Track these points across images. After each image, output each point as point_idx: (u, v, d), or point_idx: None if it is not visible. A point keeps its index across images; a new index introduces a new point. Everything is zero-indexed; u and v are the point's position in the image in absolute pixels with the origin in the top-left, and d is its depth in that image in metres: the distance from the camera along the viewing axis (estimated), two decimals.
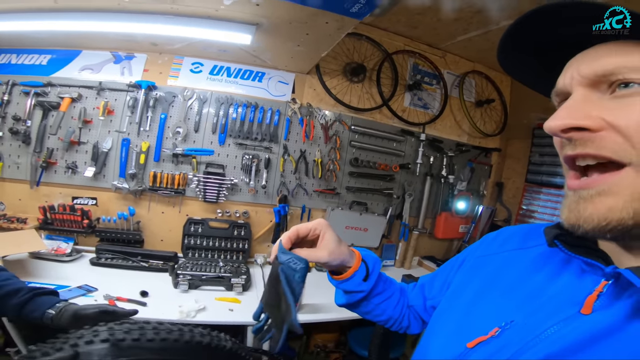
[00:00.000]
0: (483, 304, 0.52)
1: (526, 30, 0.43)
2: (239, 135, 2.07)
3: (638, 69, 0.35)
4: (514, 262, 0.54)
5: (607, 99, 0.37)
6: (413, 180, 2.44)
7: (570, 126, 0.37)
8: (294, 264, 0.59)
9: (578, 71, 0.39)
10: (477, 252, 0.63)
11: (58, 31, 1.69)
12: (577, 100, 0.38)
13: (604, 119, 0.36)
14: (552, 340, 0.39)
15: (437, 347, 0.54)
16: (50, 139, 1.88)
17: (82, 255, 1.86)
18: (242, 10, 1.49)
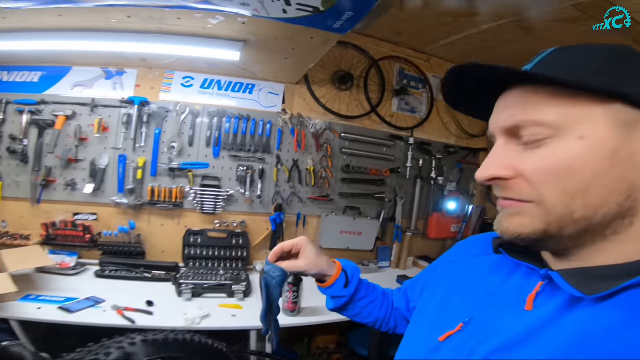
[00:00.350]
0: (451, 303, 0.59)
1: (456, 82, 0.50)
2: (232, 147, 2.13)
3: (535, 123, 0.42)
4: (476, 267, 0.62)
5: (520, 149, 0.45)
6: (404, 183, 2.51)
7: (491, 177, 0.46)
8: (273, 272, 0.75)
9: (497, 120, 0.47)
10: (448, 258, 0.72)
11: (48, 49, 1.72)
12: (496, 152, 0.47)
13: (515, 168, 0.44)
14: (501, 333, 0.46)
15: (415, 342, 0.61)
16: (48, 157, 1.93)
17: (86, 269, 1.92)
18: (229, 28, 1.55)
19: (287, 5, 1.17)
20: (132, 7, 1.35)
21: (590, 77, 0.40)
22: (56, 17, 1.46)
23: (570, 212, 0.41)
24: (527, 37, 1.93)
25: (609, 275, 0.41)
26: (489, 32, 2.00)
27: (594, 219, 0.41)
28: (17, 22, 1.52)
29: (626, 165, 0.40)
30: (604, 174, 0.40)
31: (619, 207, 0.41)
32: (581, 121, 0.40)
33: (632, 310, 0.38)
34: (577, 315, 0.41)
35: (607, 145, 0.40)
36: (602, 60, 0.42)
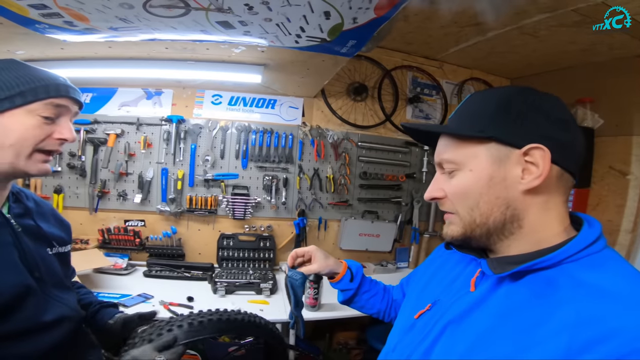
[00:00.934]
0: (427, 289, 0.76)
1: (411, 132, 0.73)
2: (258, 159, 2.34)
3: (447, 161, 0.62)
4: (447, 261, 0.78)
5: (446, 177, 0.63)
6: (420, 187, 2.60)
7: (431, 197, 0.66)
8: (295, 276, 0.95)
9: (435, 158, 0.67)
10: (433, 254, 0.88)
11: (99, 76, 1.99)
12: (435, 179, 0.66)
13: (444, 190, 0.63)
14: (453, 309, 0.61)
15: (400, 322, 0.77)
16: (102, 172, 2.19)
17: (135, 269, 2.14)
18: (250, 55, 1.74)
19: (298, 37, 1.35)
20: (169, 41, 1.58)
21: (471, 125, 0.59)
22: (107, 48, 1.69)
23: (473, 219, 0.59)
24: (533, 41, 1.97)
25: (512, 261, 0.56)
26: (496, 38, 2.04)
27: (488, 223, 0.58)
28: (73, 52, 1.76)
29: (500, 186, 0.57)
30: (486, 193, 0.57)
31: (502, 215, 0.57)
32: (470, 158, 0.59)
33: (534, 290, 0.52)
34: (500, 293, 0.56)
35: (486, 174, 0.57)
36: (482, 109, 0.60)
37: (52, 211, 1.00)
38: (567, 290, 0.48)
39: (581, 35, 1.78)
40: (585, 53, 1.98)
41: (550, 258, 0.52)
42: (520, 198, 0.56)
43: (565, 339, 0.43)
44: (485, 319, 0.55)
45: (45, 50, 1.70)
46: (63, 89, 0.79)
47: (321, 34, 1.32)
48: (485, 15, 1.67)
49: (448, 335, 0.59)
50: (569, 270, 0.51)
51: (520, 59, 2.22)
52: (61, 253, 0.94)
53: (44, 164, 0.79)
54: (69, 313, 0.87)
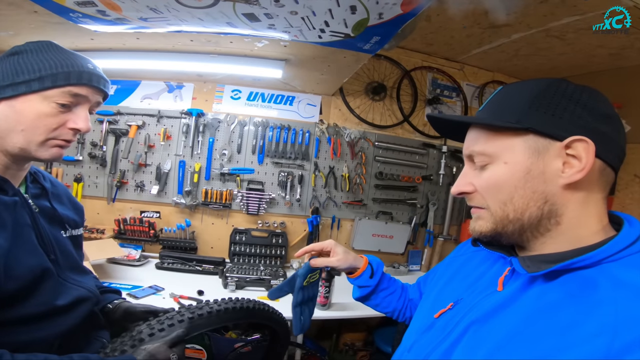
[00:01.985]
0: (448, 288, 0.73)
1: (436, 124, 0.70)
2: (275, 155, 2.35)
3: (479, 153, 0.59)
4: (471, 260, 0.75)
5: (477, 171, 0.61)
6: (436, 190, 2.57)
7: (459, 192, 0.63)
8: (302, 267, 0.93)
9: (463, 149, 0.64)
10: (454, 253, 0.85)
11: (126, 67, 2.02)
12: (463, 173, 0.64)
13: (474, 185, 0.61)
14: (478, 308, 0.59)
15: (418, 321, 0.75)
16: (122, 162, 2.24)
17: (148, 261, 2.17)
18: (273, 49, 1.75)
19: (322, 32, 1.35)
20: (195, 33, 1.59)
21: (507, 116, 0.57)
22: (135, 39, 1.73)
23: (506, 214, 0.57)
24: (560, 44, 1.93)
25: (547, 260, 0.54)
26: (521, 40, 2.01)
27: (523, 219, 0.56)
28: (102, 43, 1.80)
29: (538, 179, 0.54)
30: (522, 187, 0.55)
31: (539, 210, 0.55)
32: (505, 150, 0.56)
33: (569, 289, 0.50)
34: (531, 292, 0.54)
35: (523, 167, 0.55)
36: (519, 100, 0.57)
37: (67, 193, 0.98)
38: (606, 291, 0.46)
39: (611, 38, 1.73)
40: (614, 57, 1.93)
41: (590, 257, 0.49)
42: (560, 193, 0.54)
43: (605, 340, 0.41)
44: (515, 319, 0.52)
45: (76, 40, 1.73)
46: (86, 77, 0.76)
47: (345, 29, 1.31)
48: (496, 13, 1.65)
49: (472, 335, 0.56)
50: (609, 270, 0.48)
51: (545, 62, 2.18)
52: (74, 236, 0.93)
53: (57, 149, 0.77)
54: (86, 295, 0.86)
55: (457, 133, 0.67)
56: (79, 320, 0.82)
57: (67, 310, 0.79)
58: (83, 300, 0.84)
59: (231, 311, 0.76)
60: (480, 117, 0.62)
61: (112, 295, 1.04)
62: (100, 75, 0.81)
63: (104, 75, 0.83)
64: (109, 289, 1.07)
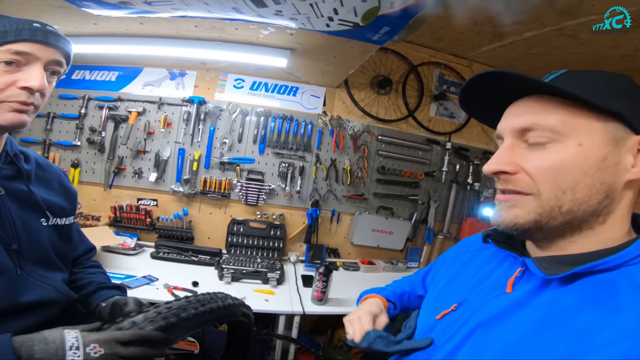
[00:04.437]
0: (450, 288, 0.70)
1: (474, 89, 0.59)
2: (276, 145, 2.31)
3: (543, 127, 0.51)
4: (475, 258, 0.72)
5: (525, 147, 0.53)
6: (438, 187, 2.54)
7: (497, 170, 0.54)
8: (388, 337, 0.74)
9: (509, 123, 0.55)
10: (455, 251, 0.81)
11: (128, 53, 1.98)
12: (504, 149, 0.55)
13: (519, 165, 0.53)
14: (484, 311, 0.56)
15: (420, 321, 0.72)
16: (121, 148, 2.20)
17: (143, 250, 2.13)
18: (278, 37, 1.71)
19: (330, 20, 1.30)
20: (199, 18, 1.54)
21: (590, 95, 0.49)
22: (138, 24, 1.68)
23: (560, 204, 0.50)
24: (574, 44, 1.88)
25: (567, 261, 0.50)
26: (534, 39, 1.95)
27: (577, 213, 0.50)
28: (105, 28, 1.76)
29: (610, 170, 0.49)
30: (592, 175, 0.49)
31: (598, 204, 0.50)
32: (581, 131, 0.49)
33: (587, 293, 0.46)
34: (545, 296, 0.50)
35: (599, 153, 0.49)
36: (602, 83, 0.51)
37: (59, 177, 0.91)
38: (627, 295, 0.44)
39: (625, 39, 1.68)
40: (627, 59, 1.88)
41: (613, 259, 0.47)
42: (620, 189, 0.50)
43: (626, 346, 0.39)
44: (526, 323, 0.49)
45: (79, 25, 1.69)
46: (27, 33, 0.69)
47: (355, 17, 1.27)
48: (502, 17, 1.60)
49: (477, 339, 0.54)
50: (629, 273, 0.46)
51: (557, 61, 2.12)
52: (60, 226, 0.85)
53: (14, 114, 0.69)
54: (54, 296, 0.78)
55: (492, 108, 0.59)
56: (44, 322, 0.74)
57: (31, 310, 0.73)
58: (50, 301, 0.77)
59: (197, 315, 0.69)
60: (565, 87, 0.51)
61: (107, 292, 0.95)
62: (48, 31, 0.73)
63: (55, 31, 0.74)
64: (108, 284, 0.99)
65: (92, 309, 0.91)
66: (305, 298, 1.83)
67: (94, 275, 1.00)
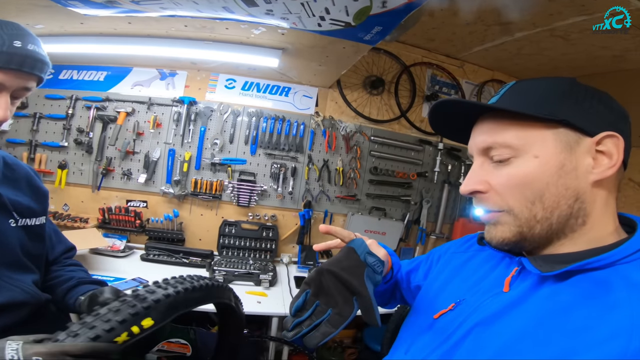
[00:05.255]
0: (447, 287, 0.69)
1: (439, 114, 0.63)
2: (268, 146, 2.29)
3: (501, 145, 0.54)
4: (472, 259, 0.72)
5: (492, 165, 0.56)
6: (431, 187, 2.54)
7: (472, 190, 0.57)
8: (377, 267, 0.63)
9: (474, 142, 0.59)
10: (451, 249, 0.81)
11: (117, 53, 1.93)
12: (475, 169, 0.58)
13: (489, 182, 0.56)
14: (482, 310, 0.56)
15: (413, 322, 0.72)
16: (109, 149, 2.17)
17: (133, 252, 2.10)
18: (270, 37, 1.69)
19: (321, 20, 1.29)
20: (189, 17, 1.52)
21: (537, 107, 0.52)
22: (126, 24, 1.65)
23: (533, 214, 0.52)
24: (564, 44, 1.89)
25: (561, 260, 0.51)
26: (525, 39, 1.97)
27: (552, 219, 0.52)
28: (92, 28, 1.72)
29: (571, 175, 0.51)
30: (554, 183, 0.51)
31: (569, 208, 0.51)
32: (535, 143, 0.52)
33: (582, 290, 0.47)
34: (541, 293, 0.51)
35: (556, 161, 0.51)
36: (547, 92, 0.53)
37: (28, 177, 0.88)
38: (621, 292, 0.44)
39: (615, 40, 1.71)
40: (616, 59, 1.91)
41: (606, 257, 0.48)
42: (589, 190, 0.52)
43: (621, 343, 0.40)
44: (523, 321, 0.49)
45: (65, 25, 1.65)
46: (2, 58, 0.65)
47: (346, 17, 1.25)
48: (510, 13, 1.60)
49: (475, 337, 0.54)
50: (623, 271, 0.47)
51: (547, 62, 2.14)
52: (30, 226, 0.82)
53: None
54: (22, 297, 0.76)
55: (460, 127, 0.62)
56: (12, 324, 0.73)
57: (0, 311, 0.71)
58: (18, 303, 0.75)
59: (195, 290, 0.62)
60: (507, 105, 0.55)
61: (91, 287, 0.92)
62: (27, 55, 0.68)
63: (35, 54, 0.69)
64: (89, 280, 0.97)
65: (71, 303, 0.88)
66: None
67: (74, 272, 0.98)
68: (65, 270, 0.98)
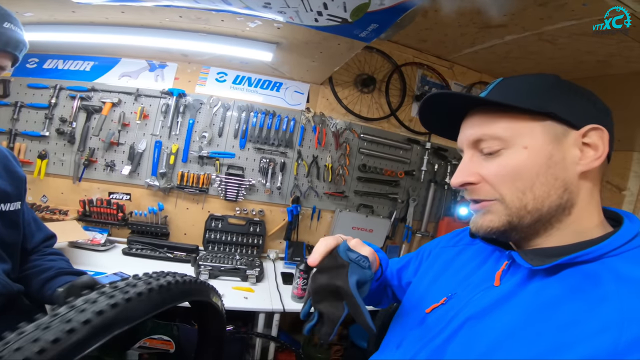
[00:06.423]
0: (438, 282, 0.70)
1: (429, 109, 0.64)
2: (257, 140, 2.27)
3: (491, 137, 0.55)
4: (462, 253, 0.73)
5: (482, 158, 0.57)
6: (417, 186, 2.58)
7: (463, 182, 0.58)
8: (363, 262, 0.60)
9: (464, 136, 0.60)
10: (440, 244, 0.82)
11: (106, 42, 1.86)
12: (465, 162, 0.59)
13: (480, 174, 0.57)
14: (473, 304, 0.57)
15: (405, 317, 0.72)
16: (93, 140, 2.09)
17: (115, 246, 2.04)
18: (265, 31, 1.67)
19: (319, 15, 1.28)
20: (185, 8, 1.47)
21: (524, 100, 0.53)
22: (119, 13, 1.60)
23: (524, 204, 0.54)
24: (551, 49, 1.93)
25: (551, 253, 0.52)
26: (514, 43, 2.00)
27: (542, 209, 0.53)
28: (84, 17, 1.66)
29: (559, 166, 0.53)
30: (544, 173, 0.52)
31: (559, 199, 0.53)
32: (524, 134, 0.53)
33: (571, 284, 0.48)
34: (531, 287, 0.52)
35: (545, 152, 0.53)
36: (533, 87, 0.55)
37: (5, 160, 0.85)
38: (610, 286, 0.45)
39: (600, 45, 1.76)
40: (601, 64, 1.97)
41: (594, 250, 0.49)
42: (575, 181, 0.53)
43: (611, 336, 0.41)
44: (514, 315, 0.51)
45: (55, 13, 1.59)
46: None
47: (344, 13, 1.26)
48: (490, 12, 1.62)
49: (467, 331, 0.55)
50: (611, 264, 0.48)
51: (533, 66, 2.20)
52: (4, 212, 0.79)
53: None
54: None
55: (449, 123, 0.63)
56: None
57: None
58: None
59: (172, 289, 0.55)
60: (496, 98, 0.57)
61: (71, 278, 0.89)
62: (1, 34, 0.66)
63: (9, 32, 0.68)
64: (72, 270, 0.94)
65: (48, 295, 0.84)
66: (285, 295, 1.81)
67: (54, 262, 0.95)
68: (45, 260, 0.94)
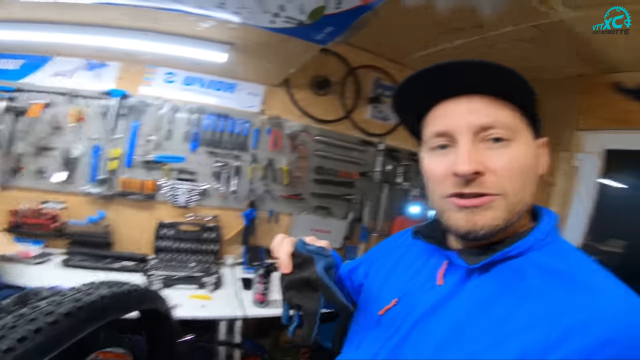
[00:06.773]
0: (389, 283, 0.70)
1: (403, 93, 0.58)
2: (210, 143, 2.18)
3: (503, 126, 0.50)
4: (407, 253, 0.72)
5: (485, 148, 0.51)
6: (372, 187, 2.64)
7: (474, 171, 0.49)
8: (323, 251, 0.61)
9: (465, 120, 0.51)
10: (388, 245, 0.82)
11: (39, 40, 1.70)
12: (470, 149, 0.50)
13: (485, 165, 0.50)
14: (421, 304, 0.57)
15: (361, 318, 0.72)
16: (19, 144, 1.88)
17: (50, 258, 1.87)
18: (218, 31, 1.60)
19: (275, 17, 1.26)
20: (131, 6, 1.37)
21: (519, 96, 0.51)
22: (55, 11, 1.47)
23: (519, 200, 0.51)
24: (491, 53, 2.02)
25: (484, 252, 0.53)
26: (463, 47, 2.05)
27: (524, 208, 0.53)
28: (15, 14, 1.51)
29: (537, 168, 0.55)
30: (534, 172, 0.54)
31: (532, 198, 0.54)
32: (522, 130, 0.53)
33: (502, 280, 0.50)
34: (469, 285, 0.53)
35: (534, 152, 0.54)
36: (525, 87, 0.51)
37: None
38: (534, 280, 0.47)
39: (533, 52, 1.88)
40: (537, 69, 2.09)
41: (519, 246, 0.50)
42: None
43: (542, 331, 0.42)
44: (456, 313, 0.51)
45: None
46: None
47: (300, 15, 1.25)
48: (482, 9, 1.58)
49: (418, 332, 0.55)
50: (534, 258, 0.50)
51: None
52: None
53: None
54: None
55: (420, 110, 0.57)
56: None
57: None
58: None
59: None
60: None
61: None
62: None
63: None
64: None
65: None
66: (247, 301, 1.78)
67: None
68: None
